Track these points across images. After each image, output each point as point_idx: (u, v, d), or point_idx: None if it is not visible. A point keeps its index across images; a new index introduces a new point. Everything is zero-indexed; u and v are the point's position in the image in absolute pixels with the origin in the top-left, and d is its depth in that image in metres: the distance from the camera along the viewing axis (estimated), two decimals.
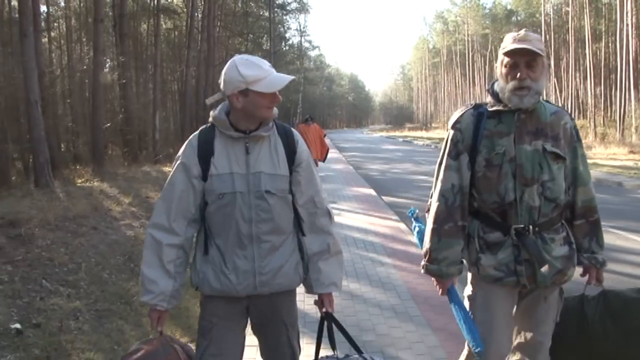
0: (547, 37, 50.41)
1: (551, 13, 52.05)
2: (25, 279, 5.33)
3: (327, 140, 14.66)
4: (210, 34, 25.91)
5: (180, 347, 2.64)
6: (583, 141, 2.90)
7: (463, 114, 2.75)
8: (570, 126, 2.72)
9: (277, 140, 2.60)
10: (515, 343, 2.82)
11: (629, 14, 37.26)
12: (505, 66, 2.61)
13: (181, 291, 2.59)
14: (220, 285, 2.51)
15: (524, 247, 2.58)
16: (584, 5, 44.13)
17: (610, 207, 11.07)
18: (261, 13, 39.28)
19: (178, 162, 2.55)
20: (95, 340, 4.48)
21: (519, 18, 61.88)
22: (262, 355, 2.80)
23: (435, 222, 2.73)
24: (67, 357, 4.15)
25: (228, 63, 2.50)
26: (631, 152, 28.35)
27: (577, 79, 48.19)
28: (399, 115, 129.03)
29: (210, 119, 2.57)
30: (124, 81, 18.60)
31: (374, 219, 10.37)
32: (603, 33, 46.04)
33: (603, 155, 27.15)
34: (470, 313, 2.73)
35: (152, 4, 27.31)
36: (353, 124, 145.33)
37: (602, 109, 44.27)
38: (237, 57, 2.51)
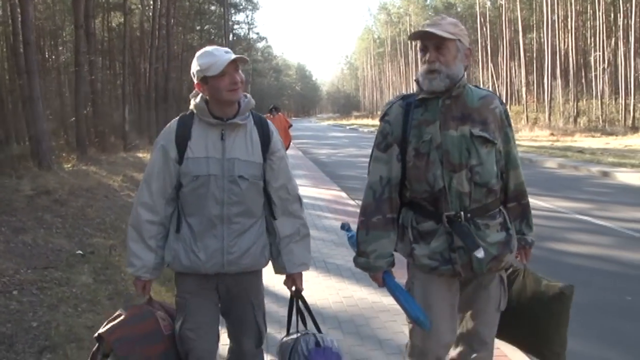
0: (484, 28, 53.65)
1: (488, 4, 54.96)
2: (72, 226, 7.52)
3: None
4: (169, 32, 27.87)
5: (165, 314, 2.82)
6: (517, 126, 3.83)
7: (391, 105, 2.73)
8: (500, 110, 2.67)
9: (252, 129, 2.75)
10: (458, 333, 2.78)
11: (555, 9, 40.48)
12: (420, 51, 2.62)
13: (162, 264, 2.78)
14: (190, 263, 2.66)
15: (456, 233, 2.54)
16: None
17: (526, 180, 13.67)
18: (212, 8, 41.17)
19: (158, 145, 2.73)
20: None
21: (458, 10, 64.54)
22: (229, 335, 2.93)
23: (363, 214, 2.73)
24: (117, 269, 6.32)
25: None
26: (552, 134, 31.55)
27: (513, 68, 51.14)
28: (346, 104, 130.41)
29: (191, 106, 2.73)
30: (93, 77, 20.35)
31: (320, 189, 12.70)
32: (534, 25, 49.04)
33: (527, 137, 30.34)
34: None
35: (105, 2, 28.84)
36: (301, 114, 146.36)
37: (535, 95, 47.22)
38: (199, 51, 2.71)
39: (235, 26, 56.77)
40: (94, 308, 5.06)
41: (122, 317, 2.71)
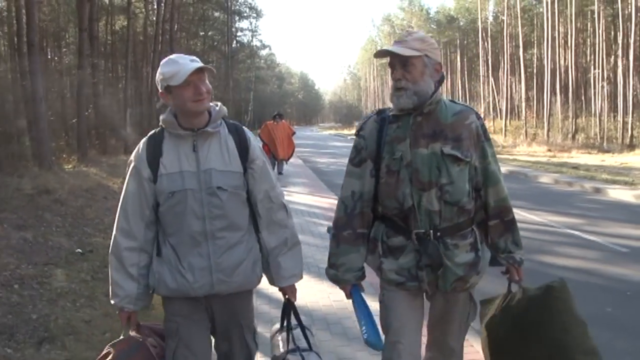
0: (486, 43, 54.02)
1: (490, 20, 55.34)
2: (72, 225, 7.71)
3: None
4: (172, 38, 28.14)
5: (156, 338, 2.70)
6: (515, 141, 3.78)
7: (367, 120, 2.74)
8: (476, 125, 2.64)
9: (227, 137, 2.63)
10: (429, 341, 2.84)
11: (556, 26, 40.81)
12: (389, 67, 2.60)
13: (147, 292, 2.64)
14: (177, 285, 2.53)
15: (424, 251, 2.54)
16: (517, 15, 47.43)
17: (516, 193, 13.85)
18: (215, 15, 41.50)
19: (130, 167, 2.61)
20: None
21: (460, 24, 64.88)
22: (218, 356, 2.84)
23: (334, 227, 2.76)
24: None
25: None
26: (549, 150, 31.75)
27: (514, 83, 51.44)
28: (348, 114, 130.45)
29: (160, 122, 2.62)
30: (95, 80, 20.60)
31: (316, 197, 12.90)
32: (535, 41, 49.37)
33: (525, 152, 30.59)
34: (374, 314, 2.74)
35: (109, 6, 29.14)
36: (303, 122, 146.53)
37: (535, 111, 47.42)
38: (164, 59, 2.58)
39: (239, 33, 57.15)
40: (91, 304, 5.25)
41: (111, 356, 2.54)
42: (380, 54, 2.59)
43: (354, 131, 2.99)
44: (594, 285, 6.51)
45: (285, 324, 2.95)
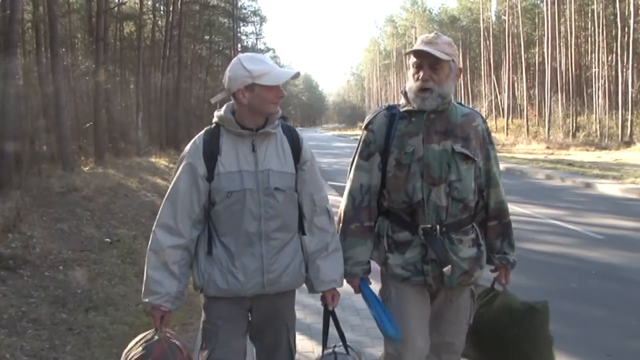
0: (487, 42, 54.62)
1: (492, 19, 55.84)
2: (100, 219, 8.62)
3: None
4: (180, 43, 29.12)
5: (180, 343, 2.61)
6: (517, 139, 3.89)
7: (376, 115, 2.75)
8: (482, 128, 2.71)
9: (282, 138, 2.59)
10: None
11: (556, 24, 41.42)
12: (412, 66, 2.63)
13: (185, 292, 2.57)
14: (228, 285, 2.48)
15: (431, 246, 2.57)
16: (519, 14, 47.99)
17: (509, 188, 14.61)
18: (222, 20, 42.46)
19: (183, 162, 2.52)
20: None
21: (463, 23, 65.34)
22: (259, 358, 2.77)
23: (341, 220, 2.75)
24: (140, 254, 7.30)
25: (233, 61, 2.52)
26: (548, 148, 32.53)
27: (516, 82, 51.88)
28: (352, 115, 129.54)
29: (215, 119, 2.55)
30: (109, 86, 21.49)
31: None
32: (537, 40, 49.81)
33: (524, 150, 31.48)
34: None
35: (117, 10, 30.00)
36: (307, 123, 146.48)
37: (537, 109, 47.83)
38: (241, 55, 2.52)
39: (244, 37, 57.93)
40: (124, 282, 6.14)
41: (152, 358, 2.45)
42: (417, 53, 2.59)
43: (357, 132, 3.18)
44: (565, 266, 7.33)
45: (327, 342, 2.83)
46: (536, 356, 2.77)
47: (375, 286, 2.82)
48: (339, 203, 2.88)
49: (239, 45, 54.37)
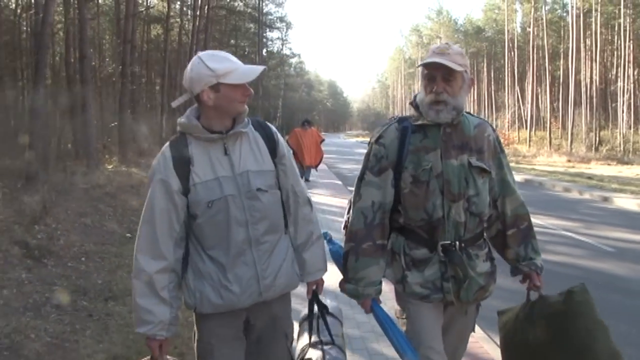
0: (512, 53, 54.48)
1: (517, 31, 55.69)
2: (121, 215, 8.94)
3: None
4: (206, 48, 29.47)
5: None
6: (539, 150, 3.75)
7: (387, 128, 2.66)
8: (493, 138, 2.67)
9: (255, 135, 2.48)
10: None
11: (582, 37, 41.26)
12: (424, 78, 2.55)
13: (179, 316, 2.46)
14: (222, 300, 2.36)
15: (452, 263, 2.53)
16: (544, 27, 47.84)
17: (526, 199, 14.65)
18: (247, 26, 42.93)
19: (154, 179, 2.35)
20: None
21: (488, 34, 65.17)
22: None
23: (352, 240, 2.66)
24: None
25: (192, 60, 2.35)
26: (569, 160, 32.33)
27: (540, 94, 51.70)
28: (376, 122, 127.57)
29: (179, 128, 2.41)
30: (134, 87, 21.95)
31: (339, 199, 13.99)
32: (561, 52, 49.62)
33: (544, 163, 31.35)
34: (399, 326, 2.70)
35: (145, 13, 30.57)
36: (331, 129, 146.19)
37: (561, 122, 47.57)
38: (202, 53, 2.37)
39: (269, 42, 58.36)
40: None
41: None
42: (430, 65, 2.52)
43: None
44: (572, 276, 7.38)
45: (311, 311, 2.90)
46: (596, 345, 2.54)
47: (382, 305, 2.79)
48: None
49: (265, 50, 54.93)
